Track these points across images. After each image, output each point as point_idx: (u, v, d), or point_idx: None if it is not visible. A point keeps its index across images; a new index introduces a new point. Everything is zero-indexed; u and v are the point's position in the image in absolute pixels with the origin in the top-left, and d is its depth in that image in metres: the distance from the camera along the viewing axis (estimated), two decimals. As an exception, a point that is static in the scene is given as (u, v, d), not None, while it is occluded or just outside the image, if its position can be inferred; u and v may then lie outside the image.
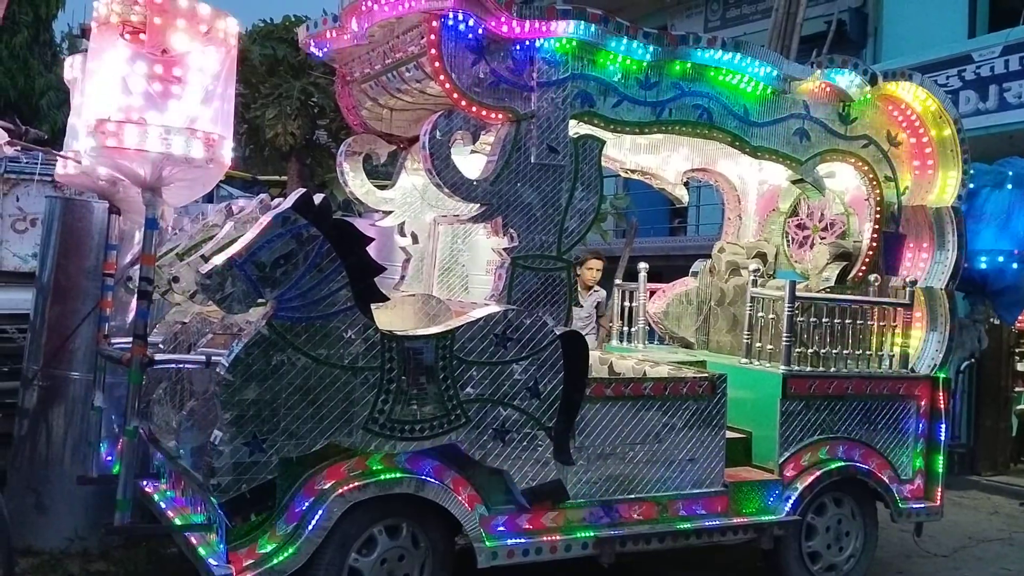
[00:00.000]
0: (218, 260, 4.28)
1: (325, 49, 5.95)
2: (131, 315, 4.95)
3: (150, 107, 4.22)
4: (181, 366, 5.06)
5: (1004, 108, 9.96)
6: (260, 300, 4.35)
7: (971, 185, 6.79)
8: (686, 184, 7.80)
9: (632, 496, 5.39)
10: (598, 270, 8.75)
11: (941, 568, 7.10)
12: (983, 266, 7.38)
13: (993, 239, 7.42)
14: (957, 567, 7.16)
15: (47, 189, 8.29)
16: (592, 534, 5.23)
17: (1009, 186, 7.54)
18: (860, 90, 6.21)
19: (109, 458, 5.68)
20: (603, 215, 13.11)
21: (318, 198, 4.51)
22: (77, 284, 6.34)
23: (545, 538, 5.12)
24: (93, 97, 4.48)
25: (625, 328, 7.75)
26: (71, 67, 5.60)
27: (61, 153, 5.54)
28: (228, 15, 4.60)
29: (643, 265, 7.96)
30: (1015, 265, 7.50)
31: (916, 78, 6.47)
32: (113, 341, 5.49)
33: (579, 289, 8.15)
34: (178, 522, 4.96)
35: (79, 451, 6.15)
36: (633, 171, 7.47)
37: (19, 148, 5.96)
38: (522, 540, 5.06)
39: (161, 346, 5.56)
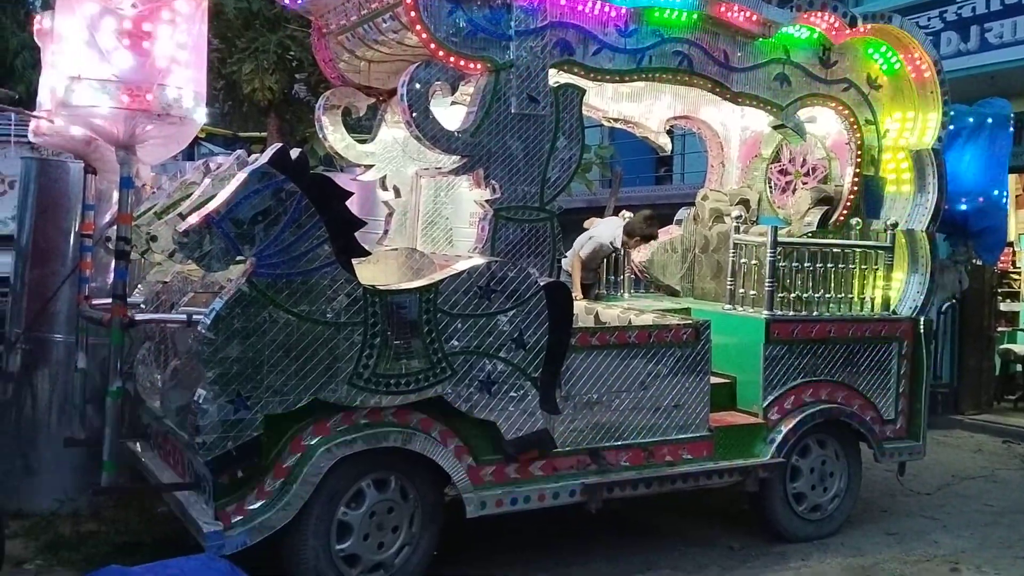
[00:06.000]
0: (195, 218, 4.25)
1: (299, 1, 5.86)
2: (111, 275, 4.91)
3: (121, 63, 4.15)
4: (163, 325, 5.04)
5: (985, 48, 9.92)
6: (239, 257, 4.33)
7: (951, 127, 6.78)
8: (669, 132, 7.77)
9: (619, 443, 5.43)
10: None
11: (925, 506, 7.19)
12: (963, 207, 7.40)
13: (973, 180, 7.43)
14: (940, 504, 7.26)
15: (24, 150, 8.20)
16: (579, 482, 5.27)
17: (989, 127, 7.54)
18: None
19: (95, 419, 5.68)
20: (588, 165, 13.07)
21: (295, 153, 4.47)
22: (56, 246, 6.29)
23: (533, 487, 5.16)
24: (63, 55, 4.40)
25: (611, 277, 7.78)
26: (41, 24, 5.49)
27: (34, 113, 5.46)
28: (199, -32, 4.52)
29: (628, 214, 7.97)
30: (995, 206, 7.53)
31: (896, 20, 6.43)
32: (94, 302, 5.47)
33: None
34: (166, 481, 4.97)
35: (65, 413, 6.14)
36: (616, 120, 7.44)
37: (-9, 109, 5.88)
38: (510, 489, 5.10)
39: (143, 306, 5.54)
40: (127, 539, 5.63)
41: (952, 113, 6.72)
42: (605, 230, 7.60)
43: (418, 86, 4.90)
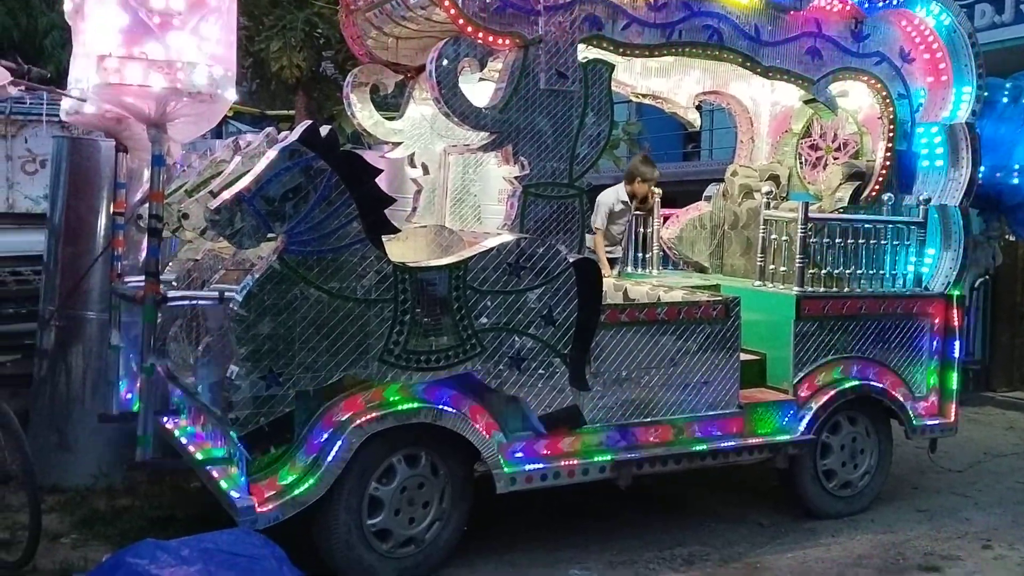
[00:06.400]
0: (226, 195, 4.27)
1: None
2: (143, 253, 4.95)
3: (151, 42, 4.17)
4: (195, 303, 5.08)
5: (1020, 20, 9.74)
6: (270, 235, 4.35)
7: (986, 100, 6.67)
8: (698, 107, 7.71)
9: (648, 419, 5.42)
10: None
11: (955, 483, 7.15)
12: (997, 182, 7.29)
13: (1007, 155, 7.32)
14: (971, 481, 7.22)
15: (55, 130, 8.26)
16: (609, 458, 5.28)
17: (1025, 100, 7.42)
18: None
19: (129, 396, 5.75)
20: (615, 141, 13.02)
21: (324, 130, 4.47)
22: (88, 224, 6.36)
23: (563, 463, 5.17)
24: (93, 33, 4.43)
25: (639, 254, 7.76)
26: (71, 3, 5.51)
27: (65, 92, 5.49)
28: (227, -54, 4.52)
29: (656, 191, 7.93)
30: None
31: (930, -9, 6.33)
32: (127, 280, 5.52)
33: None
34: (199, 456, 5.03)
35: (99, 389, 6.22)
36: (644, 95, 7.38)
37: (23, 88, 5.91)
38: (540, 465, 5.11)
39: (175, 283, 5.59)
40: (161, 514, 5.71)
41: (986, 86, 6.61)
42: (607, 194, 7.89)
43: (446, 63, 4.88)
